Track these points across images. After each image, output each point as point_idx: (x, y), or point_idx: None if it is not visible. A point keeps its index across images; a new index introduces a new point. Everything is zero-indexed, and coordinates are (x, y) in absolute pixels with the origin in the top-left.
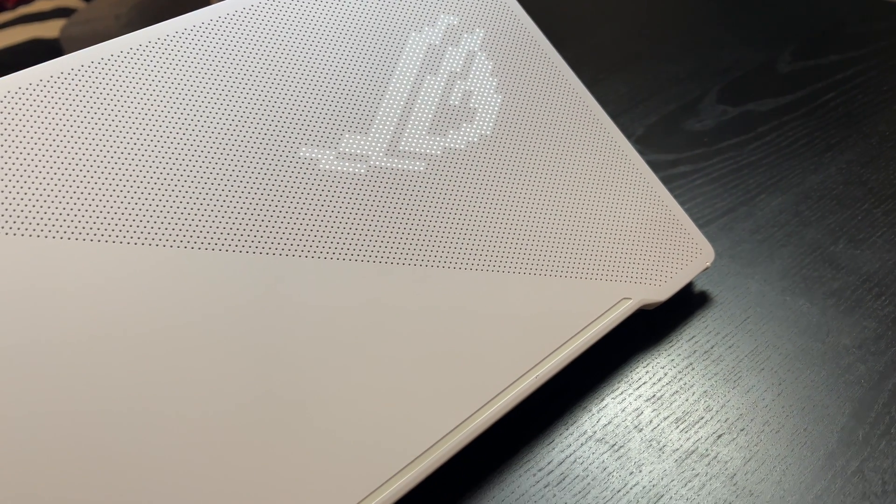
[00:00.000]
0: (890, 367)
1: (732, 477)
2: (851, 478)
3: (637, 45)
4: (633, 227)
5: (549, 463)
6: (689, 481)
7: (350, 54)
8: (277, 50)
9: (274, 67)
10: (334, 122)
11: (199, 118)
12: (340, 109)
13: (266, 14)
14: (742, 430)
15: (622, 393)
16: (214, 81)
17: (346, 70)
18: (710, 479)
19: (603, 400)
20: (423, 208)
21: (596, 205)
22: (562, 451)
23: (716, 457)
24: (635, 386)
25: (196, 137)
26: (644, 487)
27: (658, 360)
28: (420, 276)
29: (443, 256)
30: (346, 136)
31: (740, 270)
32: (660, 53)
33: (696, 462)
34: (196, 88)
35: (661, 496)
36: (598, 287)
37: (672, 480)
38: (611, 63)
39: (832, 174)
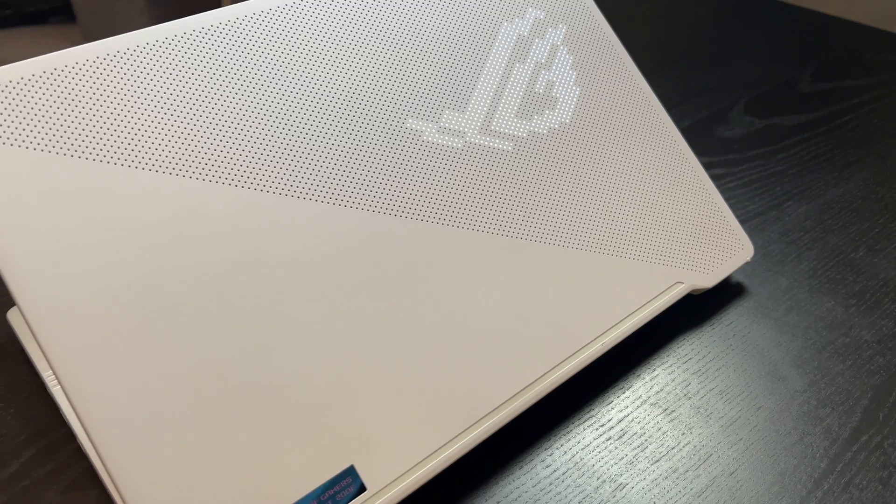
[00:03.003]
0: None
1: (771, 444)
2: (874, 451)
3: (667, 52)
4: (687, 220)
5: (609, 420)
6: (734, 444)
7: (452, 39)
8: (391, 31)
9: (389, 45)
10: (436, 98)
11: (328, 83)
12: (442, 88)
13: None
14: (777, 404)
15: (671, 366)
16: (343, 52)
17: (448, 53)
18: (752, 444)
19: (654, 370)
20: (509, 185)
21: (657, 196)
22: (620, 412)
23: (756, 425)
24: (683, 360)
25: (324, 101)
26: (695, 447)
27: (702, 340)
28: (504, 245)
29: (528, 230)
30: (446, 112)
31: (772, 268)
32: (689, 62)
33: (739, 428)
34: (327, 57)
35: (710, 455)
36: (655, 270)
37: (719, 443)
38: (643, 68)
39: (851, 189)
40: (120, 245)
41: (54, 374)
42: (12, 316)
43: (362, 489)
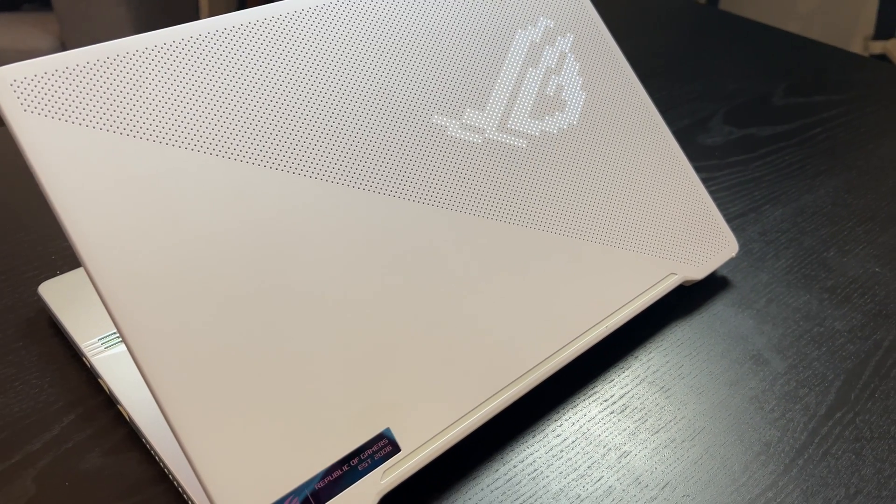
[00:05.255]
0: (873, 349)
1: (758, 418)
2: (848, 426)
3: (652, 64)
4: (680, 217)
5: (612, 396)
6: (725, 418)
7: (472, 44)
8: (419, 36)
9: (417, 49)
10: (459, 97)
11: (367, 81)
12: (464, 88)
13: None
14: (761, 384)
15: (665, 349)
16: (378, 53)
17: (469, 56)
18: (741, 418)
19: (650, 353)
20: (525, 179)
21: (654, 194)
22: (622, 389)
23: (743, 403)
24: (676, 344)
25: (363, 96)
26: (689, 420)
27: (692, 327)
28: (522, 235)
29: (543, 221)
30: (468, 110)
31: (753, 264)
32: (672, 74)
33: (728, 405)
34: (365, 56)
35: (704, 428)
36: (653, 262)
37: (711, 417)
38: None
39: (822, 196)
40: (181, 220)
41: (124, 341)
42: (44, 290)
43: (397, 449)
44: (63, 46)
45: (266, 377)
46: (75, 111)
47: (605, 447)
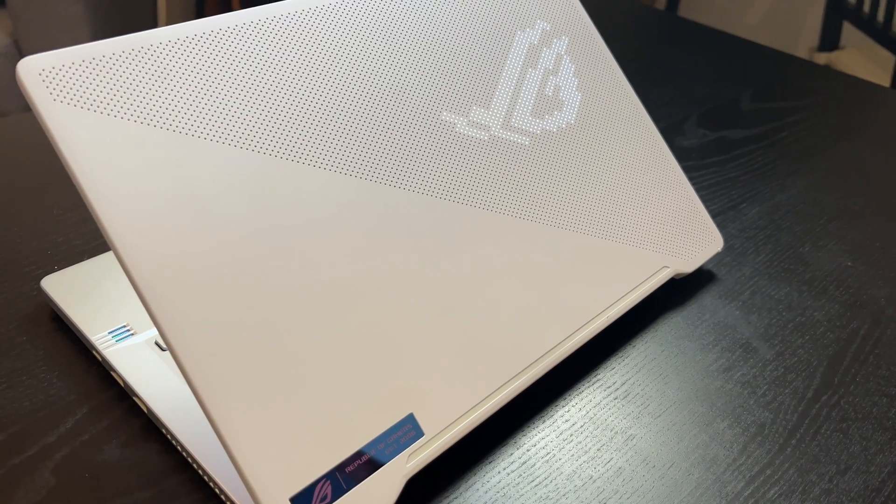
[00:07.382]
0: (852, 336)
1: (751, 402)
2: (833, 407)
3: (626, 69)
4: (671, 213)
5: (614, 382)
6: (722, 403)
7: (476, 44)
8: (427, 38)
9: (426, 50)
10: (465, 96)
11: (382, 79)
12: (469, 86)
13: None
14: (752, 370)
15: (660, 339)
16: (391, 53)
17: (474, 56)
18: (735, 402)
19: (647, 342)
20: (530, 175)
21: (646, 191)
22: (623, 375)
23: (737, 387)
24: (670, 334)
25: (379, 94)
26: (688, 404)
27: (684, 318)
28: (529, 229)
29: (548, 215)
30: (474, 108)
31: (735, 259)
32: (645, 79)
33: (723, 390)
34: (379, 56)
35: (702, 412)
36: (647, 255)
37: (708, 402)
38: None
39: (794, 195)
40: (210, 210)
41: (157, 327)
42: (47, 284)
43: (420, 434)
44: (16, 44)
45: (296, 365)
46: (104, 101)
47: (611, 431)
